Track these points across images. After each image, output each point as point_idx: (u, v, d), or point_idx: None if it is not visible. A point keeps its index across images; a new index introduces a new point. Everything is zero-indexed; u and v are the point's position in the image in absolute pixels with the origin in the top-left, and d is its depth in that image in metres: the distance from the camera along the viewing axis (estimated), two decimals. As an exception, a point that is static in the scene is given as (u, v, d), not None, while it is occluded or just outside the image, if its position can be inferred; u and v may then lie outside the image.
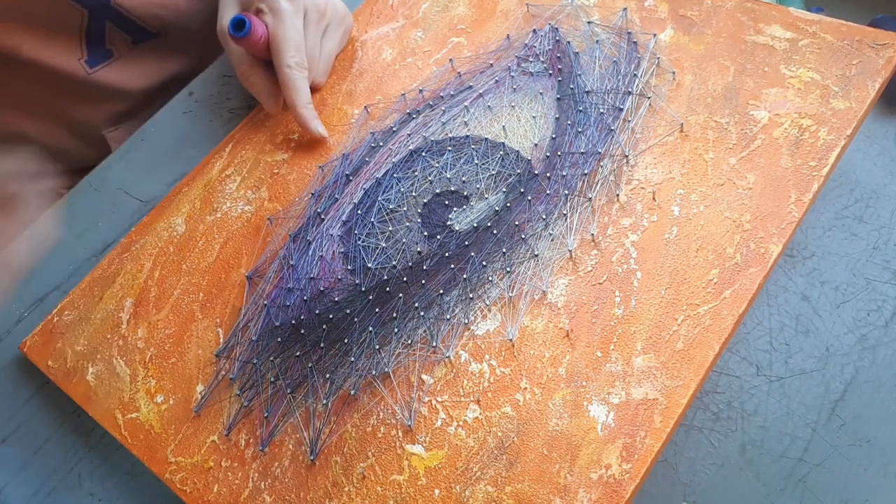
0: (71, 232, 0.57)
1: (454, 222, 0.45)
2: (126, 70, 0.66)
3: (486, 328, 0.41)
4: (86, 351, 0.48)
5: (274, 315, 0.45)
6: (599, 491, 0.35)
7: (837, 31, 0.45)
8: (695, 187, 0.43)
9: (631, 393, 0.37)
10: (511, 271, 0.42)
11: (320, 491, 0.39)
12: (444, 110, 0.50)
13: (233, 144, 0.55)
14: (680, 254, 0.41)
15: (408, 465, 0.39)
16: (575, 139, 0.46)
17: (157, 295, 0.49)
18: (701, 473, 0.40)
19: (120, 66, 0.65)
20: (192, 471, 0.42)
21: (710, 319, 0.38)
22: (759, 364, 0.42)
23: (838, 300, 0.43)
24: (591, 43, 0.50)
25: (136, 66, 0.66)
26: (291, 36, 0.51)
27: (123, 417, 0.45)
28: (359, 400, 0.41)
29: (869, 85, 0.43)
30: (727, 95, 0.45)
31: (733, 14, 0.48)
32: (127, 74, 0.67)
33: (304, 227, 0.48)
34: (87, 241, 0.56)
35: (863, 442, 0.39)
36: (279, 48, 0.51)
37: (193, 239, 0.51)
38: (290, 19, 0.51)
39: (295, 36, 0.51)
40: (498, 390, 0.39)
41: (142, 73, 0.67)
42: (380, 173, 0.49)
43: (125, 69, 0.66)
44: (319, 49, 0.55)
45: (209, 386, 0.44)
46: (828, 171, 0.41)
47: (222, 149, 0.55)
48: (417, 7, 0.57)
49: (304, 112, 0.52)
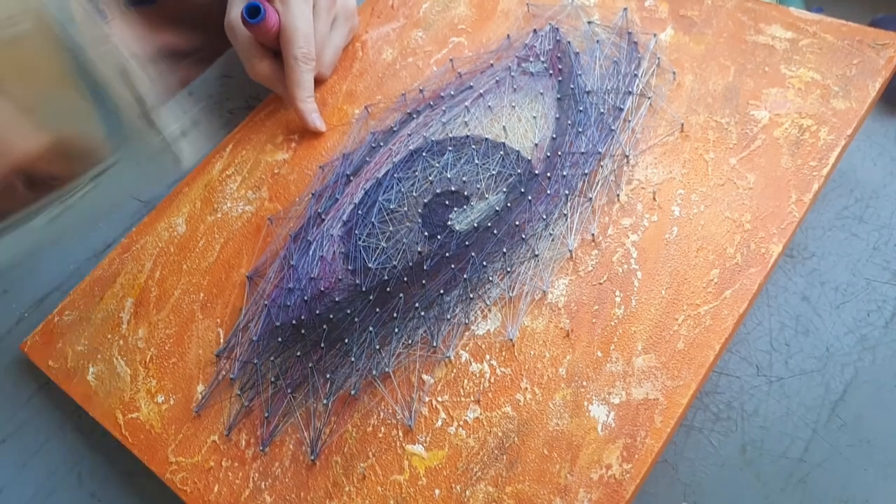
0: (71, 232, 0.57)
1: (454, 222, 0.45)
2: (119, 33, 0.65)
3: (487, 328, 0.41)
4: (86, 351, 0.48)
5: (274, 315, 0.45)
6: (600, 491, 0.35)
7: (838, 31, 0.45)
8: (695, 187, 0.43)
9: (631, 393, 0.37)
10: (511, 271, 0.42)
11: (321, 491, 0.39)
12: (445, 110, 0.50)
13: (233, 145, 0.55)
14: (680, 254, 0.41)
15: (408, 465, 0.39)
16: (575, 139, 0.46)
17: (157, 295, 0.49)
18: (701, 473, 0.40)
19: (113, 29, 0.64)
20: (193, 471, 0.42)
21: (710, 319, 0.38)
22: (759, 364, 0.42)
23: (838, 300, 0.43)
24: (592, 43, 0.50)
25: (129, 30, 0.65)
26: (301, 26, 0.51)
27: (124, 417, 0.45)
28: (359, 400, 0.41)
29: (869, 85, 0.43)
30: (727, 95, 0.45)
31: (734, 14, 0.48)
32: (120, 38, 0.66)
33: (304, 228, 0.48)
34: (87, 241, 0.56)
35: (863, 442, 0.39)
36: (288, 37, 0.51)
37: (194, 239, 0.51)
38: (300, 7, 0.51)
39: (304, 26, 0.51)
40: (498, 390, 0.39)
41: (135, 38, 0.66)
42: (380, 173, 0.49)
43: (118, 32, 0.65)
44: (328, 41, 0.55)
45: (210, 386, 0.44)
46: (828, 171, 0.41)
47: (223, 149, 0.55)
48: (418, 7, 0.57)
49: (304, 106, 0.52)
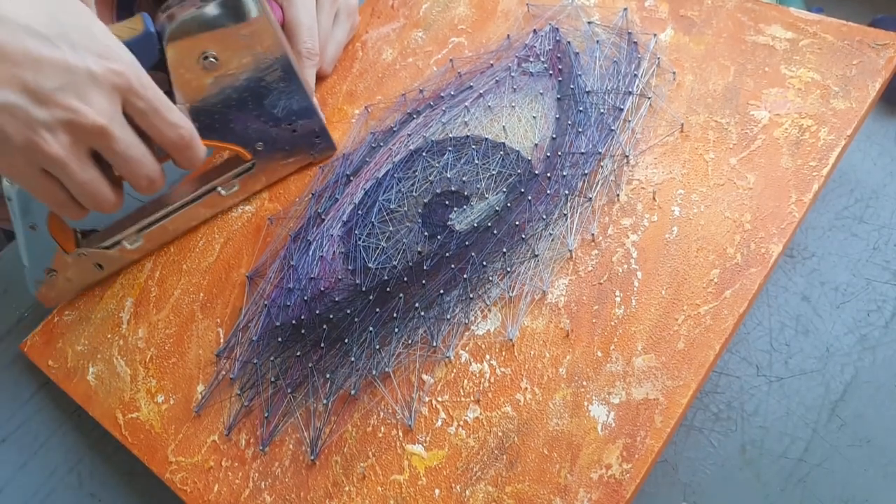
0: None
1: (454, 222, 0.45)
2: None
3: (487, 328, 0.41)
4: (86, 351, 0.48)
5: (274, 315, 0.45)
6: (600, 491, 0.35)
7: (838, 32, 0.45)
8: (695, 187, 0.43)
9: (631, 393, 0.37)
10: (511, 271, 0.42)
11: (321, 491, 0.39)
12: (445, 110, 0.50)
13: (233, 144, 0.55)
14: (680, 254, 0.41)
15: (408, 464, 0.39)
16: (575, 139, 0.46)
17: (157, 295, 0.49)
18: (701, 473, 0.40)
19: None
20: (193, 471, 0.42)
21: (710, 319, 0.38)
22: (759, 364, 0.42)
23: (838, 300, 0.43)
24: (592, 43, 0.50)
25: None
26: (305, 20, 0.51)
27: (124, 417, 0.45)
28: (359, 400, 0.41)
29: (869, 85, 0.43)
30: (727, 95, 0.45)
31: (734, 14, 0.48)
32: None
33: (304, 228, 0.48)
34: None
35: (863, 442, 0.39)
36: (292, 32, 0.51)
37: (194, 239, 0.51)
38: (303, 2, 0.51)
39: (308, 20, 0.51)
40: (498, 390, 0.39)
41: None
42: (380, 173, 0.49)
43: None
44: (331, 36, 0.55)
45: (210, 386, 0.44)
46: (828, 172, 0.41)
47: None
48: (418, 7, 0.57)
49: None
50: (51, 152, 0.37)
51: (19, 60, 0.35)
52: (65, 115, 0.37)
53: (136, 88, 0.39)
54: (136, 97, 0.39)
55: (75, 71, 0.37)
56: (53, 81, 0.36)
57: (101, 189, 0.41)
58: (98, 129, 0.38)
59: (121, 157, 0.40)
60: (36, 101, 0.36)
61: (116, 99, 0.39)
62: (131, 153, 0.40)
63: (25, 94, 0.36)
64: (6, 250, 0.61)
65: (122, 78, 0.38)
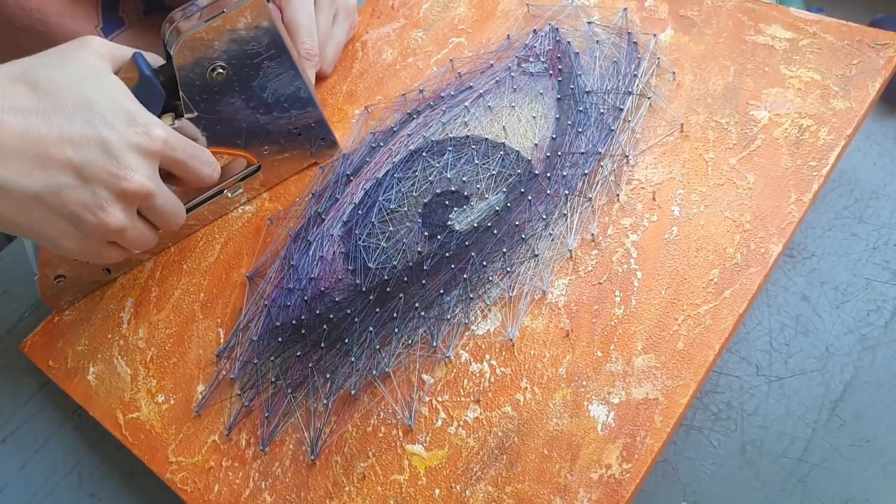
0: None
1: (454, 222, 0.45)
2: (134, 41, 0.64)
3: (487, 328, 0.41)
4: (87, 351, 0.48)
5: (275, 315, 0.45)
6: (600, 491, 0.35)
7: (838, 32, 0.45)
8: (695, 187, 0.43)
9: (631, 393, 0.37)
10: (511, 271, 0.42)
11: (321, 491, 0.39)
12: (445, 110, 0.50)
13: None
14: (680, 253, 0.41)
15: (408, 464, 0.39)
16: (575, 139, 0.46)
17: (157, 295, 0.49)
18: (701, 473, 0.40)
19: (129, 36, 0.64)
20: (193, 471, 0.42)
21: (710, 319, 0.38)
22: (759, 364, 0.42)
23: (838, 300, 0.43)
24: (592, 43, 0.50)
25: (144, 37, 0.65)
26: (303, 21, 0.51)
27: (124, 417, 0.45)
28: (359, 400, 0.41)
29: (869, 85, 0.43)
30: (727, 95, 0.45)
31: (733, 14, 0.48)
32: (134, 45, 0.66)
33: (304, 228, 0.48)
34: (87, 240, 0.56)
35: (863, 442, 0.39)
36: (290, 33, 0.51)
37: (194, 239, 0.51)
38: (301, 2, 0.51)
39: (307, 21, 0.51)
40: (498, 390, 0.39)
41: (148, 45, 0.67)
42: (380, 173, 0.49)
43: (134, 40, 0.64)
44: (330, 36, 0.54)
45: (210, 386, 0.44)
46: (828, 171, 0.41)
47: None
48: (418, 7, 0.57)
49: None
50: (115, 224, 0.40)
51: (61, 143, 0.38)
52: (116, 186, 0.39)
53: (171, 144, 0.41)
54: (173, 151, 0.41)
55: (114, 143, 0.38)
56: (97, 156, 0.38)
57: (151, 238, 0.44)
58: (145, 193, 0.40)
59: (159, 210, 0.42)
60: (83, 180, 0.38)
61: (155, 161, 0.41)
62: (168, 207, 0.43)
63: (73, 174, 0.38)
64: (6, 250, 0.61)
65: (156, 142, 0.40)
